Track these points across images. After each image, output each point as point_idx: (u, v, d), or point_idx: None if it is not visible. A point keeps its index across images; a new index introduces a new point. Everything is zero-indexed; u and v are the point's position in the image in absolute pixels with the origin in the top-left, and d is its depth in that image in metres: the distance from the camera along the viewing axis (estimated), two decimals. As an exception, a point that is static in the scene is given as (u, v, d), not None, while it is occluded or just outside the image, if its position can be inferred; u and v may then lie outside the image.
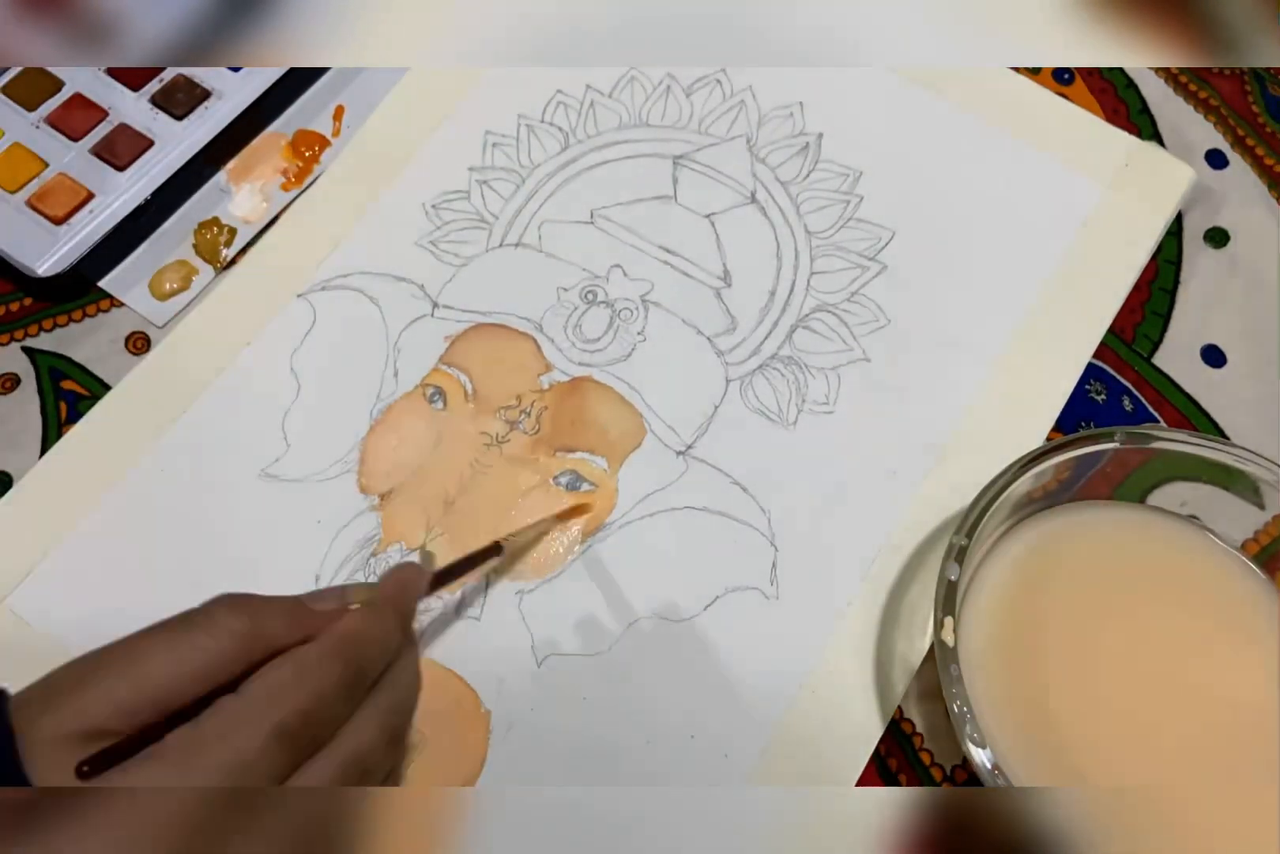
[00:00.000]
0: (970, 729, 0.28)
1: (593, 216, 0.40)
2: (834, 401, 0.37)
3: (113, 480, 0.35)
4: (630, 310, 0.38)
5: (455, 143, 0.41)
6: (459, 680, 0.33)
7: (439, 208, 0.40)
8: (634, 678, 0.33)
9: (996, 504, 0.30)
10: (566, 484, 0.36)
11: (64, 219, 0.37)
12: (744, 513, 0.35)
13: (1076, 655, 0.31)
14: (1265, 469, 0.31)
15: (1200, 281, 0.40)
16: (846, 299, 0.38)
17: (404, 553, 0.35)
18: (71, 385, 0.37)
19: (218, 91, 0.39)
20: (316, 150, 0.41)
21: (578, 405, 0.37)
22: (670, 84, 0.42)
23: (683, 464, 0.36)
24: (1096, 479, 0.33)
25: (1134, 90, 0.43)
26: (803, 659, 0.33)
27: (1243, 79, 0.43)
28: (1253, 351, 0.38)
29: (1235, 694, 0.31)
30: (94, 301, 0.39)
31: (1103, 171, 0.40)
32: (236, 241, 0.40)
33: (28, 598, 0.34)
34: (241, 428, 0.36)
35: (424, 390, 0.37)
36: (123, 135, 0.38)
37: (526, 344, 0.38)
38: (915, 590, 0.34)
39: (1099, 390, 0.38)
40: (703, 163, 0.40)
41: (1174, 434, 0.32)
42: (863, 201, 0.40)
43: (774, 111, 0.41)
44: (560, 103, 0.41)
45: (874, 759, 0.33)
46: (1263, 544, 0.32)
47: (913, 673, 0.33)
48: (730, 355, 0.37)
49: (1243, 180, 0.41)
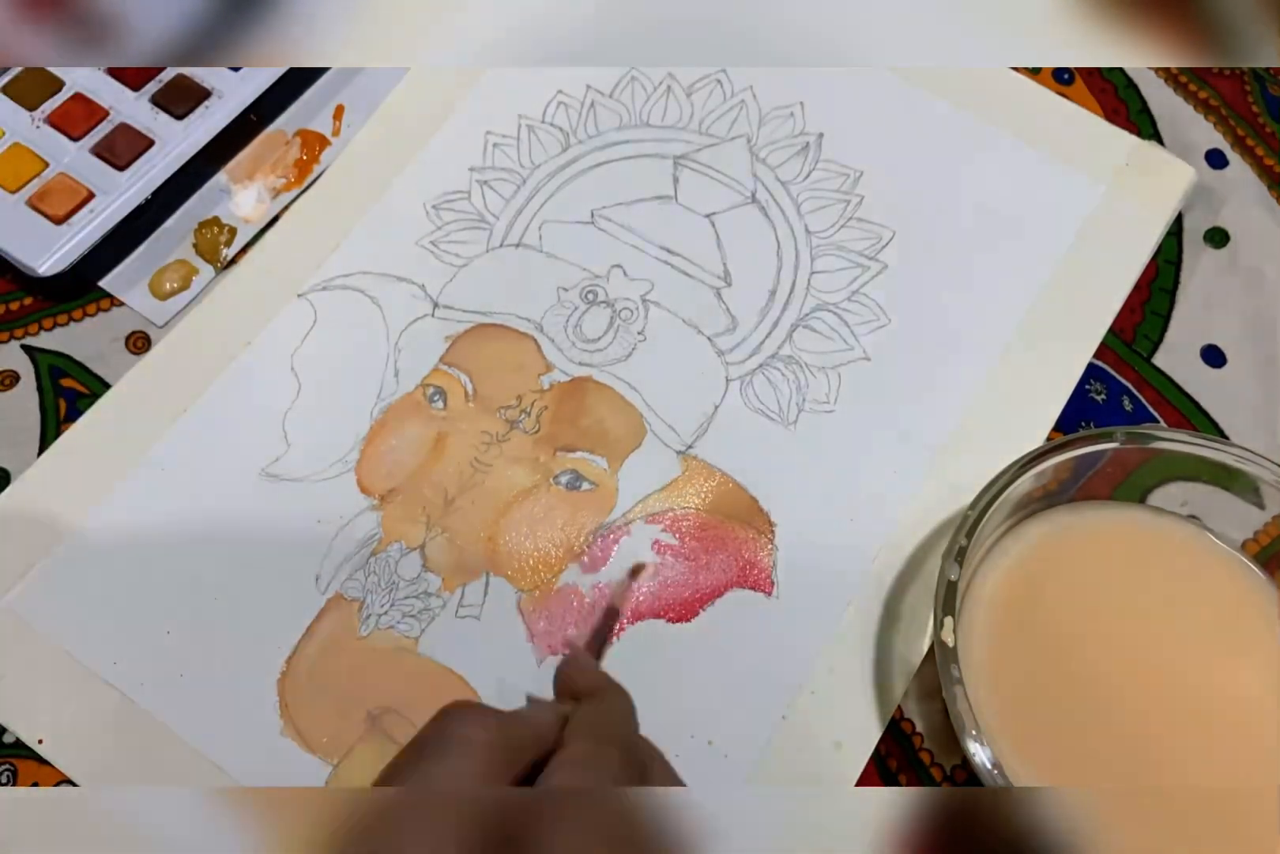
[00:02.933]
0: (970, 729, 0.28)
1: (593, 216, 0.40)
2: (834, 401, 0.37)
3: (112, 479, 0.35)
4: (630, 310, 0.38)
5: (456, 143, 0.41)
6: (459, 680, 0.33)
7: (439, 208, 0.40)
8: (634, 678, 0.33)
9: (996, 504, 0.30)
10: (566, 483, 0.36)
11: (64, 219, 0.37)
12: (744, 512, 0.35)
13: (1076, 655, 0.31)
14: (1265, 469, 0.31)
15: (1200, 281, 0.40)
16: (847, 298, 0.38)
17: (403, 552, 0.35)
18: (71, 383, 0.37)
19: (218, 91, 0.39)
20: (316, 150, 0.41)
21: (578, 405, 0.37)
22: (671, 84, 0.42)
23: (683, 463, 0.36)
24: (1096, 479, 0.33)
25: (1134, 90, 0.43)
26: (802, 659, 0.33)
27: (1243, 79, 0.43)
28: (1253, 351, 0.38)
29: (1235, 694, 0.31)
30: (94, 301, 0.39)
31: (1103, 171, 0.40)
32: (236, 241, 0.40)
33: (27, 596, 0.34)
34: (241, 427, 0.36)
35: (424, 390, 0.37)
36: (123, 135, 0.38)
37: (527, 344, 0.38)
38: (915, 590, 0.34)
39: (1099, 390, 0.38)
40: (703, 163, 0.40)
41: (1174, 434, 0.32)
42: (863, 201, 0.40)
43: (774, 111, 0.41)
44: (561, 103, 0.41)
45: (874, 759, 0.33)
46: (1263, 544, 0.32)
47: (912, 673, 0.33)
48: (730, 355, 0.37)
49: (1243, 180, 0.41)
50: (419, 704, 0.33)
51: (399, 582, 0.34)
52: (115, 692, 0.33)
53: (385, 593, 0.34)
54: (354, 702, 0.33)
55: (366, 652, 0.33)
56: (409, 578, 0.34)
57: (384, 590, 0.34)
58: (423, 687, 0.33)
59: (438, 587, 0.34)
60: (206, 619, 0.34)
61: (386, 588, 0.34)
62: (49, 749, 0.32)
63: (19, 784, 0.32)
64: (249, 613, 0.34)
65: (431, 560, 0.34)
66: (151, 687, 0.33)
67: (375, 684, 0.33)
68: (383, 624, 0.34)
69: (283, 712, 0.33)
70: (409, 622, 0.34)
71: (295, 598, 0.34)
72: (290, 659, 0.33)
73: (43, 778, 0.32)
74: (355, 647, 0.33)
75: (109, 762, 0.32)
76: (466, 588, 0.34)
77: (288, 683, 0.33)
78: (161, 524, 0.35)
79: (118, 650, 0.33)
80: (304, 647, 0.33)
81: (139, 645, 0.33)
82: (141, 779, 0.32)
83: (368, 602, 0.34)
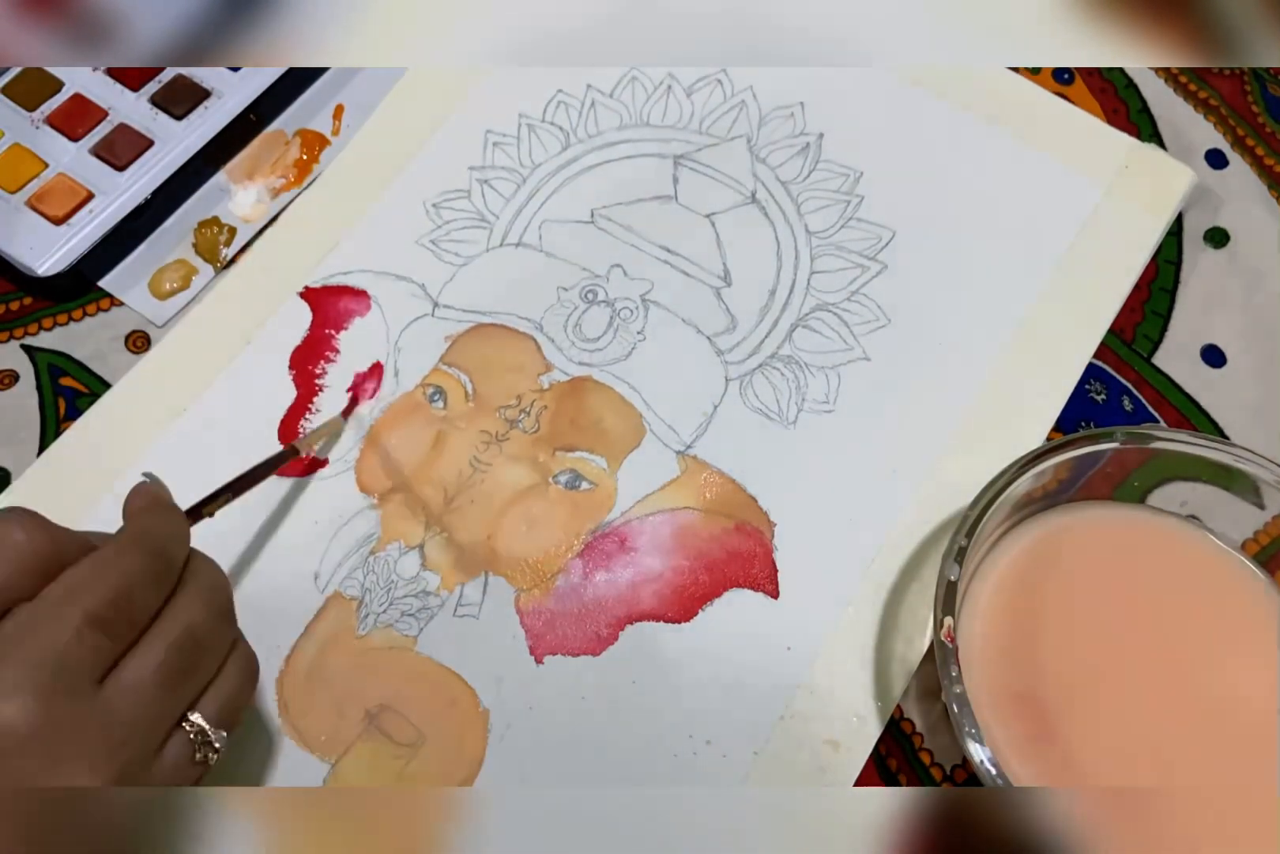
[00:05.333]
0: (970, 729, 0.27)
1: (593, 216, 0.40)
2: (834, 401, 0.37)
3: (112, 478, 0.35)
4: (630, 310, 0.38)
5: (456, 142, 0.41)
6: (457, 679, 0.33)
7: (439, 207, 0.40)
8: (633, 678, 0.33)
9: (996, 504, 0.30)
10: (566, 483, 0.35)
11: (64, 219, 0.37)
12: (743, 512, 0.35)
13: (1076, 655, 0.31)
14: (1265, 469, 0.31)
15: (1200, 281, 0.40)
16: (847, 299, 0.38)
17: (402, 551, 0.34)
18: (71, 382, 0.37)
19: (218, 91, 0.39)
20: (316, 150, 0.41)
21: (577, 405, 0.37)
22: (671, 84, 0.42)
23: (682, 463, 0.36)
24: (1096, 479, 0.33)
25: (1134, 90, 0.43)
26: (802, 659, 0.33)
27: (1243, 79, 0.43)
28: (1253, 351, 0.38)
29: (1235, 694, 0.31)
30: (94, 301, 0.39)
31: (1103, 173, 0.40)
32: (236, 241, 0.40)
33: (26, 597, 0.34)
34: (241, 427, 0.36)
35: (424, 390, 0.37)
36: (123, 135, 0.39)
37: (526, 344, 0.38)
38: (915, 590, 0.34)
39: (1099, 390, 0.38)
40: (703, 163, 0.40)
41: (1174, 434, 0.32)
42: (863, 201, 0.40)
43: (774, 111, 0.41)
44: (561, 102, 0.41)
45: (874, 759, 0.33)
46: (1263, 544, 0.32)
47: (912, 672, 0.33)
48: (730, 355, 0.37)
49: (1243, 180, 0.41)
50: (417, 703, 0.33)
51: (398, 580, 0.34)
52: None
53: (384, 592, 0.34)
54: (352, 700, 0.33)
55: (365, 650, 0.33)
56: (408, 577, 0.34)
57: (383, 589, 0.34)
58: (421, 685, 0.33)
59: (436, 585, 0.34)
60: (205, 618, 0.34)
61: (385, 587, 0.34)
62: (47, 748, 0.32)
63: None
64: (248, 611, 0.34)
65: (430, 559, 0.34)
66: (150, 686, 0.33)
67: (374, 683, 0.33)
68: (381, 623, 0.34)
69: (281, 710, 0.33)
70: (407, 620, 0.34)
71: (294, 596, 0.34)
72: (289, 658, 0.33)
73: (41, 777, 0.32)
74: (354, 645, 0.33)
75: (107, 761, 0.32)
76: (465, 587, 0.34)
77: (286, 681, 0.33)
78: (161, 523, 0.35)
79: (116, 650, 0.33)
80: (302, 645, 0.33)
81: (138, 645, 0.33)
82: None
83: (366, 600, 0.34)
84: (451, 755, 0.32)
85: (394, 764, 0.32)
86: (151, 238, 0.40)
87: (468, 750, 0.32)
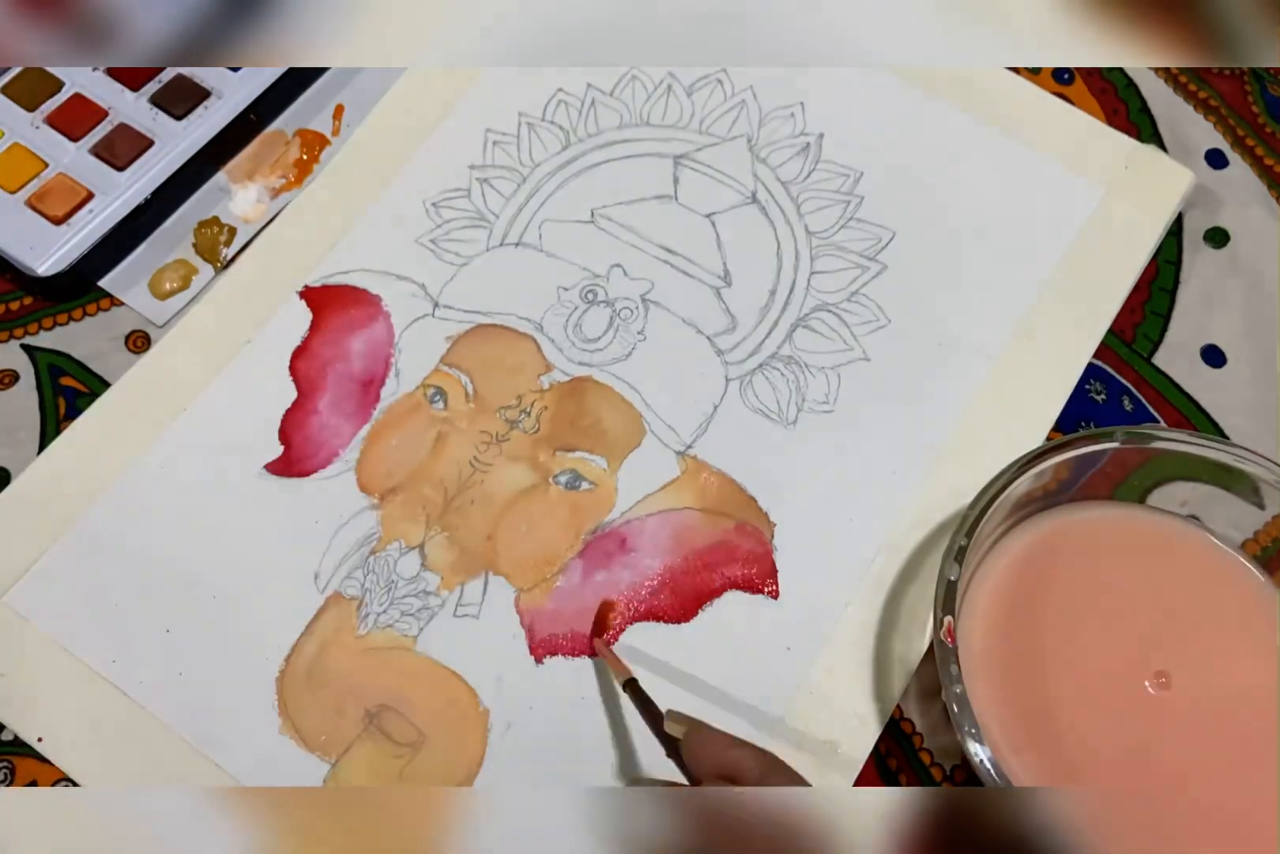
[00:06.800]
0: (969, 728, 0.27)
1: (593, 216, 0.40)
2: (834, 401, 0.37)
3: (111, 477, 0.35)
4: (630, 310, 0.38)
5: (456, 141, 0.41)
6: (457, 679, 0.33)
7: (439, 206, 0.40)
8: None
9: (996, 504, 0.30)
10: (566, 483, 0.35)
11: (64, 219, 0.37)
12: (743, 512, 0.35)
13: (1076, 655, 0.31)
14: (1265, 469, 0.31)
15: (1200, 281, 0.40)
16: (846, 299, 0.38)
17: (403, 551, 0.34)
18: (70, 382, 0.37)
19: (218, 91, 0.39)
20: (316, 150, 0.41)
21: (577, 405, 0.37)
22: (671, 83, 0.42)
23: (682, 463, 0.36)
24: (1096, 479, 0.33)
25: (1134, 90, 0.43)
26: (802, 659, 0.33)
27: (1243, 79, 0.43)
28: (1253, 351, 0.38)
29: (1235, 694, 0.31)
30: (94, 301, 0.39)
31: (1102, 174, 0.40)
32: (236, 241, 0.40)
33: (26, 594, 0.34)
34: (241, 426, 0.36)
35: (424, 390, 0.37)
36: (123, 135, 0.39)
37: (527, 344, 0.38)
38: (915, 590, 0.34)
39: (1099, 390, 0.38)
40: (703, 162, 0.40)
41: (1174, 434, 0.32)
42: (863, 202, 0.40)
43: (775, 111, 0.41)
44: (561, 101, 0.41)
45: (873, 759, 0.33)
46: (1263, 544, 0.32)
47: (912, 672, 0.33)
48: (730, 355, 0.37)
49: (1243, 180, 0.41)
50: (417, 703, 0.33)
51: (398, 580, 0.34)
52: (114, 689, 0.33)
53: (384, 592, 0.34)
54: (352, 700, 0.33)
55: (365, 650, 0.33)
56: (408, 577, 0.34)
57: (383, 589, 0.34)
58: (421, 685, 0.33)
59: (436, 585, 0.34)
60: (205, 617, 0.34)
61: (385, 587, 0.34)
62: (48, 747, 0.32)
63: (17, 782, 0.32)
64: (248, 611, 0.34)
65: (430, 559, 0.34)
66: (150, 684, 0.33)
67: (373, 682, 0.33)
68: (381, 623, 0.34)
69: (281, 710, 0.33)
70: (407, 620, 0.34)
71: (294, 596, 0.34)
72: (289, 657, 0.33)
73: (41, 776, 0.32)
74: (354, 645, 0.33)
75: (107, 759, 0.32)
76: (465, 587, 0.34)
77: (286, 681, 0.33)
78: (161, 523, 0.35)
79: (117, 648, 0.33)
80: (303, 645, 0.33)
81: (138, 643, 0.33)
82: (140, 777, 0.32)
83: (366, 600, 0.34)
84: (451, 755, 0.32)
85: (394, 764, 0.32)
86: (151, 238, 0.40)
87: (467, 750, 0.32)
